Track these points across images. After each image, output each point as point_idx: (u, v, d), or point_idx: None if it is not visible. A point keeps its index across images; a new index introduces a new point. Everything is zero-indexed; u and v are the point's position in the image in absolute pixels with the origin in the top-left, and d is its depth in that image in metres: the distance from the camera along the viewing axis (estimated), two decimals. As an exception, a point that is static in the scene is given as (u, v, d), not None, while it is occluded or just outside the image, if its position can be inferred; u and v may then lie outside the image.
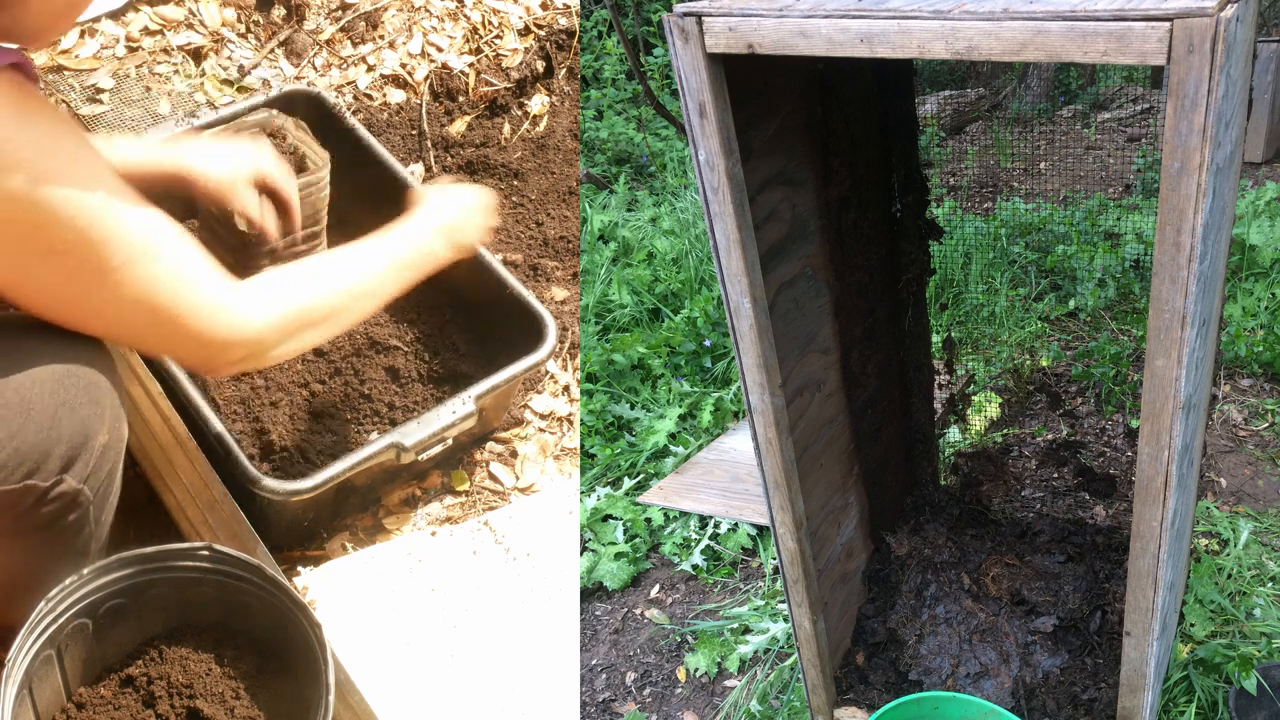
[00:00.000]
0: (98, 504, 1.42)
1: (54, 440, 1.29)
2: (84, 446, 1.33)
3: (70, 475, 1.33)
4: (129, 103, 2.47)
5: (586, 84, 6.23)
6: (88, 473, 1.36)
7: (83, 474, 1.35)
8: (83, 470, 1.35)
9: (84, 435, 1.33)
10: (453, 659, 1.59)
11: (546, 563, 1.72)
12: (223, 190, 1.69)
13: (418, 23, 2.70)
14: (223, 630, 1.55)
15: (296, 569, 1.68)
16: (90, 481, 1.37)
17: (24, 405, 1.25)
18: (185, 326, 1.31)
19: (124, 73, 2.52)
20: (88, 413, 1.32)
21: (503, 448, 2.08)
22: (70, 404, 1.30)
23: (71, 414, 1.30)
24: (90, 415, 1.33)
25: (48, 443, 1.29)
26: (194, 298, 1.31)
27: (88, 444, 1.33)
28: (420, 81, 2.60)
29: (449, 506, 1.98)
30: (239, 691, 1.49)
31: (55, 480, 1.32)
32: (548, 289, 2.29)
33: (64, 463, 1.32)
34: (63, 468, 1.32)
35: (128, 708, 1.48)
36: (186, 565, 1.52)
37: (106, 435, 1.36)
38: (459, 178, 2.44)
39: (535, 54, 2.66)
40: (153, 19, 2.59)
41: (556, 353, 2.19)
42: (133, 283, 1.25)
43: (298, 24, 2.65)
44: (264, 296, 1.40)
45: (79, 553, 1.46)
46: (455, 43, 2.68)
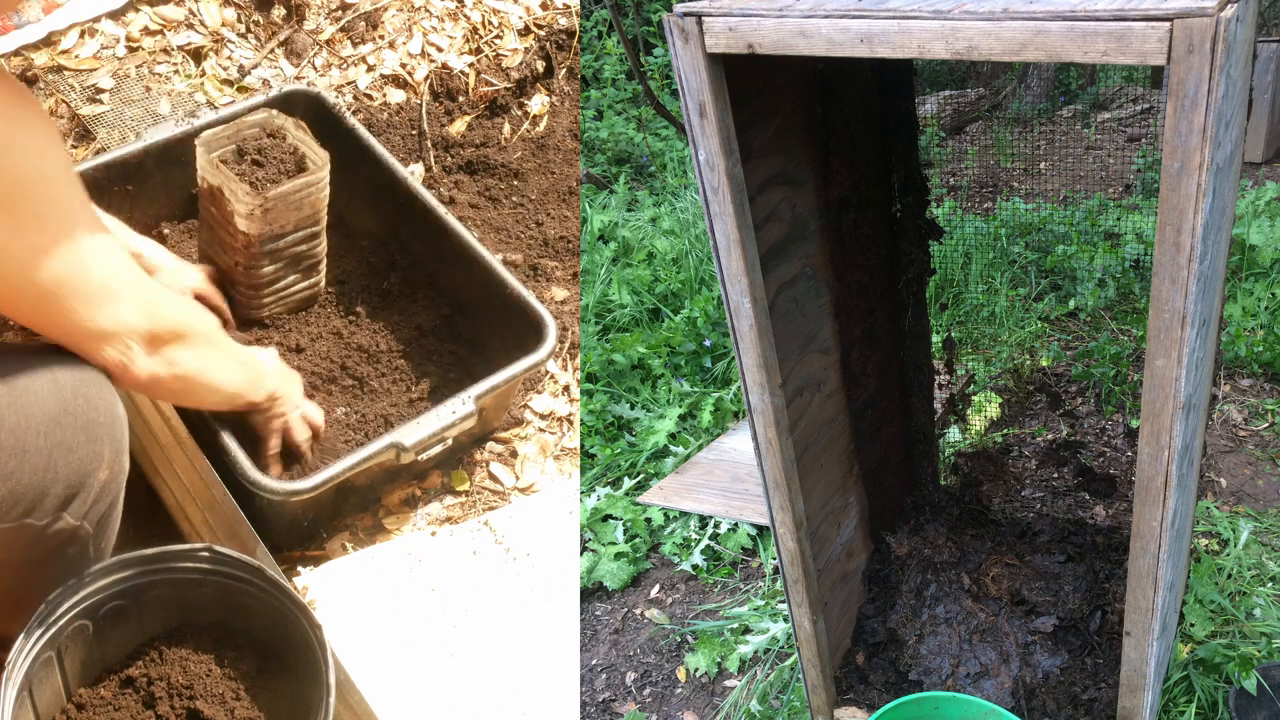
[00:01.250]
0: (97, 536, 1.42)
1: (50, 481, 1.28)
2: (82, 485, 1.32)
3: (68, 513, 1.33)
4: (129, 103, 2.47)
5: (586, 84, 6.23)
6: (86, 509, 1.35)
7: (81, 511, 1.34)
8: (81, 508, 1.34)
9: (82, 475, 1.32)
10: (453, 659, 1.59)
11: (546, 563, 1.72)
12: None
13: (418, 23, 2.69)
14: (223, 631, 1.55)
15: (296, 569, 1.68)
16: (89, 517, 1.36)
17: (19, 449, 1.25)
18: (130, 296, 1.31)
19: (124, 73, 2.52)
20: (85, 452, 1.31)
21: (503, 448, 2.08)
22: (66, 444, 1.29)
23: (68, 455, 1.29)
24: (88, 455, 1.32)
25: (44, 484, 1.28)
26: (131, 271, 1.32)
27: (86, 483, 1.33)
28: (420, 81, 2.60)
29: (449, 506, 1.98)
30: (239, 692, 1.49)
31: (53, 519, 1.31)
32: (548, 289, 2.29)
33: (61, 502, 1.31)
34: (60, 506, 1.31)
35: (128, 708, 1.48)
36: (186, 566, 1.52)
37: (106, 471, 1.36)
38: (459, 178, 2.44)
39: (535, 54, 2.66)
40: (153, 19, 2.59)
41: (556, 353, 2.19)
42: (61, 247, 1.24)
43: (298, 24, 2.65)
44: (163, 297, 1.42)
45: (77, 576, 1.46)
46: (455, 43, 2.68)
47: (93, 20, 2.56)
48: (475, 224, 2.35)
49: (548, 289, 2.29)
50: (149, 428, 1.81)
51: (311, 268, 2.01)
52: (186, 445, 1.74)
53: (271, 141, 1.90)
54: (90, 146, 2.39)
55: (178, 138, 2.04)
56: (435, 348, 2.05)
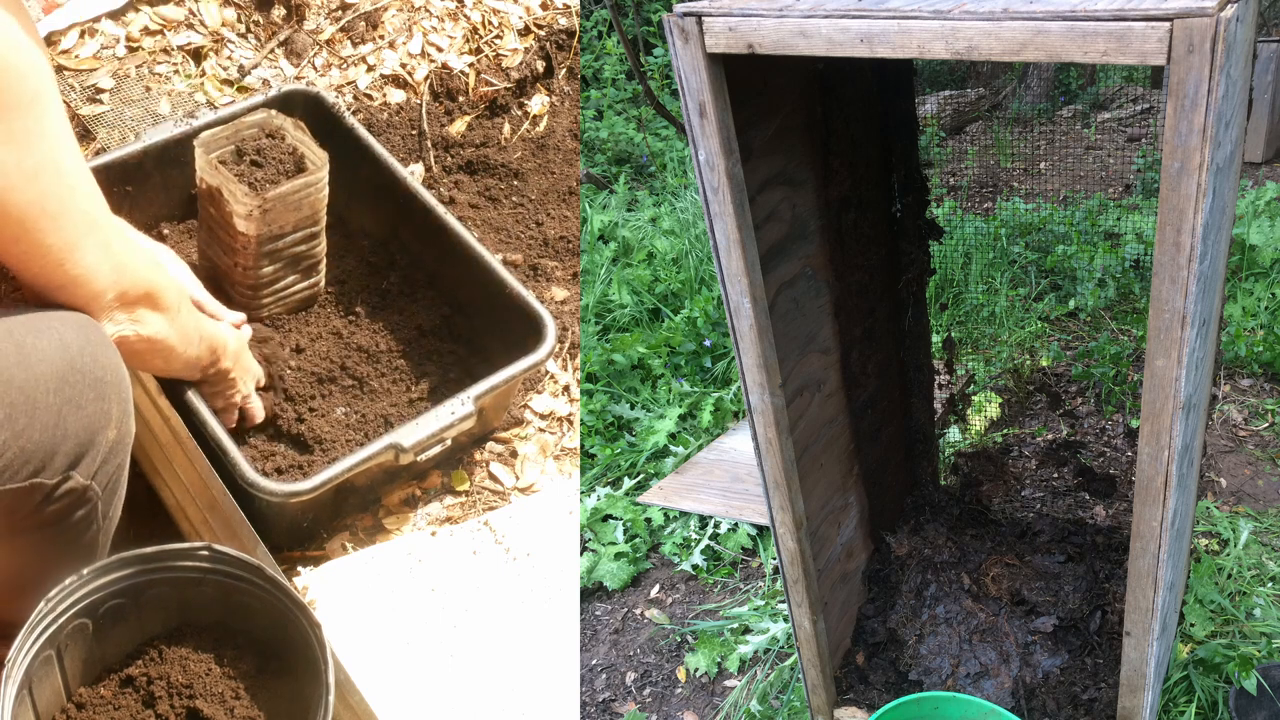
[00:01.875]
0: (105, 499, 1.42)
1: (60, 438, 1.29)
2: (91, 444, 1.33)
3: (78, 472, 1.33)
4: (129, 103, 2.47)
5: (586, 84, 6.23)
6: (95, 469, 1.36)
7: (90, 470, 1.35)
8: (90, 466, 1.35)
9: (90, 432, 1.32)
10: (453, 659, 1.59)
11: (546, 563, 1.72)
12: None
13: (418, 23, 2.69)
14: (223, 630, 1.55)
15: (296, 569, 1.68)
16: (98, 478, 1.37)
17: (29, 405, 1.25)
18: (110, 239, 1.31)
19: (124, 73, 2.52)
20: (94, 410, 1.32)
21: (503, 448, 2.08)
22: (76, 401, 1.29)
23: (78, 411, 1.30)
24: (96, 412, 1.33)
25: (54, 441, 1.28)
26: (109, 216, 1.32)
27: (94, 440, 1.33)
28: (420, 81, 2.60)
29: (449, 506, 1.98)
30: (239, 691, 1.49)
31: (62, 478, 1.32)
32: (548, 289, 2.29)
33: (71, 460, 1.31)
34: (70, 465, 1.32)
35: (127, 708, 1.48)
36: (186, 565, 1.52)
37: (114, 431, 1.36)
38: (459, 178, 2.44)
39: (535, 54, 2.66)
40: (153, 19, 2.59)
41: (556, 353, 2.19)
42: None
43: (298, 24, 2.65)
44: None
45: (87, 548, 1.46)
46: (455, 43, 2.68)
47: (92, 20, 2.56)
48: (475, 224, 2.35)
49: (548, 289, 2.29)
50: (149, 427, 1.81)
51: (311, 268, 2.01)
52: (186, 445, 1.74)
53: (270, 142, 1.90)
54: (90, 146, 2.38)
55: (177, 138, 2.04)
56: (435, 348, 2.05)
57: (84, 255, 1.29)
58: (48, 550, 1.43)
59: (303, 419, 1.90)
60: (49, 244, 1.25)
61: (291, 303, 2.02)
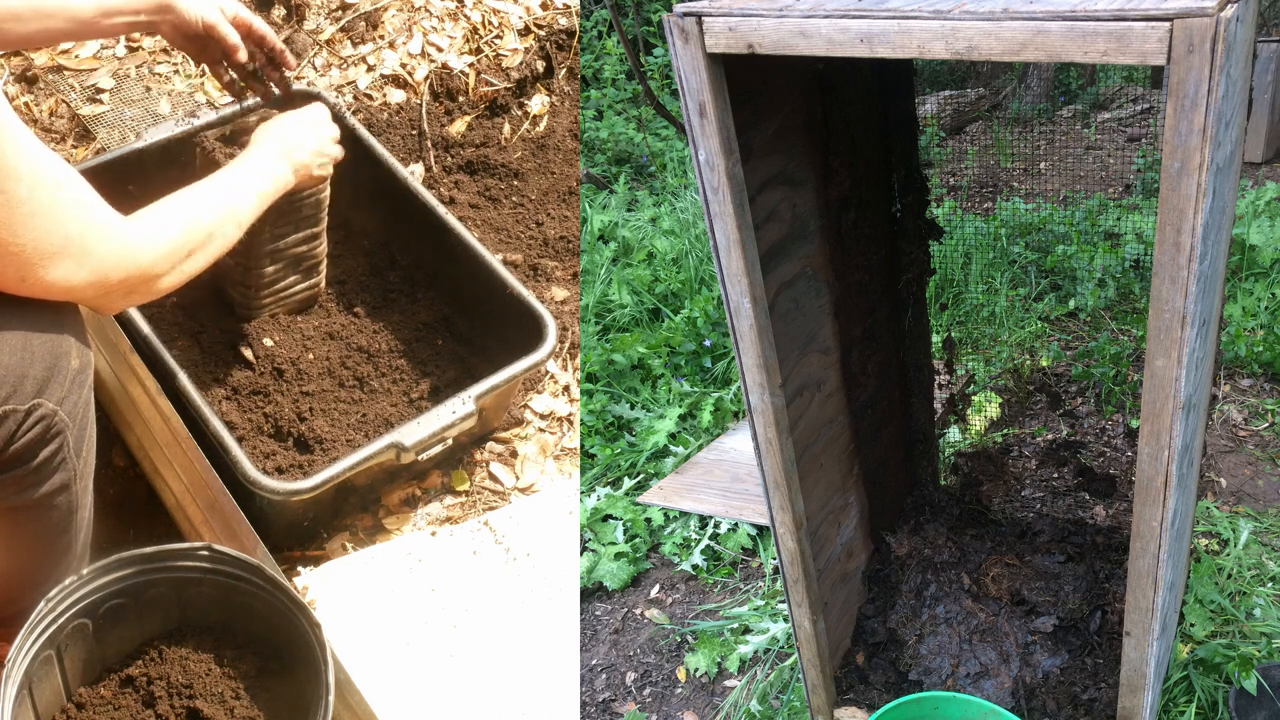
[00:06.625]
0: (75, 437, 1.43)
1: (28, 362, 1.32)
2: (55, 367, 1.35)
3: (46, 397, 1.35)
4: (129, 103, 2.47)
5: (586, 84, 6.23)
6: (63, 395, 1.38)
7: (58, 395, 1.37)
8: (58, 392, 1.37)
9: (54, 356, 1.35)
10: (453, 659, 1.59)
11: (546, 563, 1.72)
12: (207, 20, 1.79)
13: (418, 23, 2.70)
14: (223, 630, 1.55)
15: (296, 569, 1.68)
16: (65, 405, 1.39)
17: None
18: (89, 251, 1.32)
19: (124, 73, 2.52)
20: (55, 334, 1.36)
21: (503, 448, 2.08)
22: (39, 325, 1.33)
23: (41, 336, 1.34)
24: (58, 338, 1.36)
25: (23, 365, 1.31)
26: (96, 224, 1.34)
27: (59, 365, 1.36)
28: (420, 81, 2.60)
29: (449, 506, 1.98)
30: (239, 691, 1.49)
31: (33, 404, 1.34)
32: (548, 289, 2.29)
33: (39, 384, 1.34)
34: (38, 390, 1.34)
35: (127, 708, 1.48)
36: (186, 565, 1.52)
37: (77, 360, 1.39)
38: (459, 178, 2.44)
39: (535, 54, 2.66)
40: (153, 19, 2.59)
41: (556, 353, 2.19)
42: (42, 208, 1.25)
43: (298, 24, 2.65)
44: (153, 225, 1.44)
45: (66, 513, 1.48)
46: (455, 43, 2.68)
47: (93, 20, 2.56)
48: (475, 224, 2.35)
49: (548, 289, 2.29)
50: (149, 427, 1.81)
51: (312, 268, 2.01)
52: (186, 445, 1.74)
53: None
54: (90, 146, 2.39)
55: (178, 138, 2.04)
56: (435, 348, 2.05)
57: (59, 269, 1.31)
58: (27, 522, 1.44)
59: (303, 418, 1.90)
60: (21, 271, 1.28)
61: (293, 303, 2.02)
